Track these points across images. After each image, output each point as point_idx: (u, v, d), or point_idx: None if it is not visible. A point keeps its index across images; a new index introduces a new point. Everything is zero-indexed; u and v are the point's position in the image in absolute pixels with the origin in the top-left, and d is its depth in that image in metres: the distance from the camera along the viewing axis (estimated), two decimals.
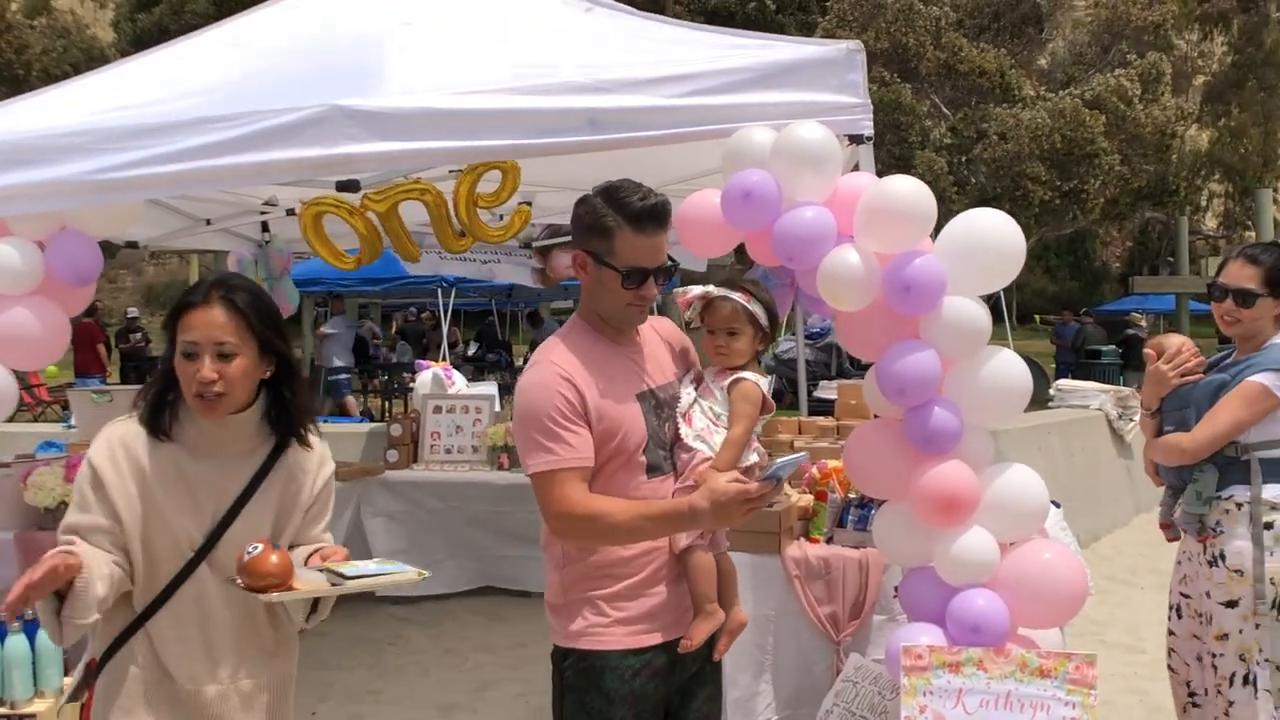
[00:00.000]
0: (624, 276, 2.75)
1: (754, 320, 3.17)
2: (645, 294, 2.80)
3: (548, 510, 2.71)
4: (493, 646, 6.18)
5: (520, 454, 2.76)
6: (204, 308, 2.45)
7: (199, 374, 2.41)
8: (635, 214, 2.73)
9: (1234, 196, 39.12)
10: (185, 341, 2.44)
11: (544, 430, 2.66)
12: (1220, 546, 3.65)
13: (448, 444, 7.29)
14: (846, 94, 3.92)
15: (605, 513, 2.66)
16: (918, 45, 19.30)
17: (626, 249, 2.74)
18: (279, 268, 6.89)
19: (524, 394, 2.73)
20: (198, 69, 4.16)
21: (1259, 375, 3.58)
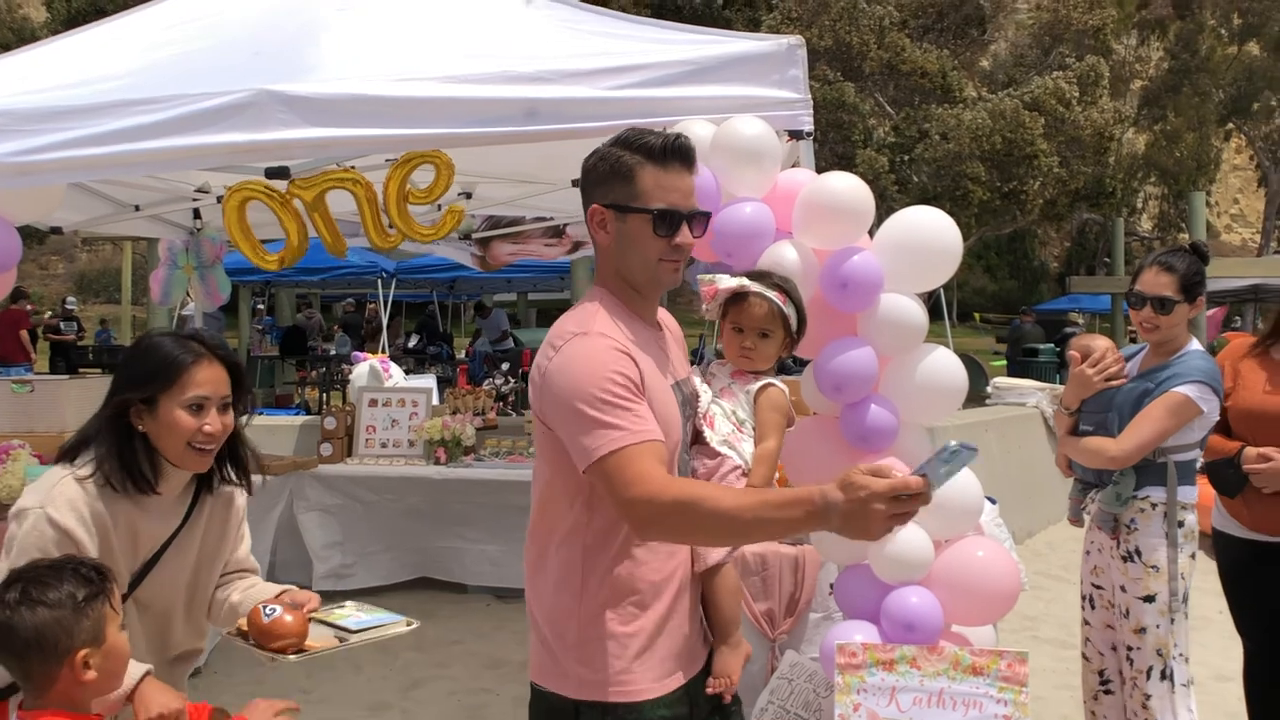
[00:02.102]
0: (655, 219, 2.30)
1: (786, 323, 2.89)
2: (681, 244, 2.34)
3: (626, 496, 2.10)
4: (424, 644, 6.10)
5: (573, 439, 2.19)
6: (209, 363, 2.54)
7: (206, 427, 2.50)
8: (658, 149, 2.32)
9: (1169, 199, 39.93)
10: (195, 397, 2.49)
11: (604, 404, 2.15)
12: (1135, 543, 3.74)
13: (383, 438, 7.20)
14: (787, 89, 3.91)
15: (705, 496, 2.08)
16: (861, 44, 19.41)
17: (653, 188, 2.31)
18: (210, 256, 6.75)
19: (572, 365, 2.21)
20: (125, 50, 4.05)
21: (1183, 386, 3.66)
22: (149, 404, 2.49)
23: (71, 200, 5.55)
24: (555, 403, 2.21)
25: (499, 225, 7.56)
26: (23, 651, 2.10)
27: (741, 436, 2.70)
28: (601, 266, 2.45)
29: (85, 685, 2.14)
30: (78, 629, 2.12)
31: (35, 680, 2.14)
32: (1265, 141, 39.99)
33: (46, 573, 2.17)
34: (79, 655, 2.12)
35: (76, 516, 2.43)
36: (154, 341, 2.58)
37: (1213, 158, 38.44)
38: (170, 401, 2.48)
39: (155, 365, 2.50)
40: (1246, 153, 45.43)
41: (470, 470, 6.87)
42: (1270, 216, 41.23)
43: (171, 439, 2.50)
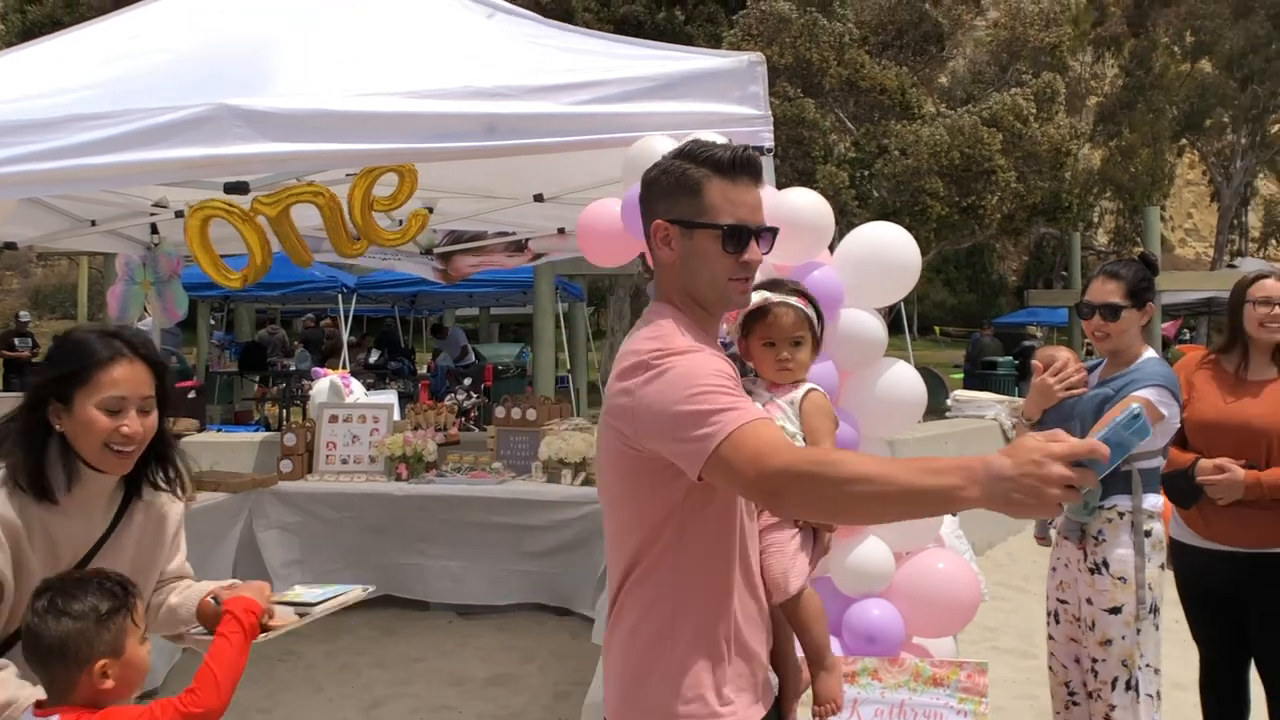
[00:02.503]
0: (725, 235, 2.15)
1: (813, 327, 2.77)
2: (750, 260, 2.19)
3: (757, 469, 1.89)
4: (387, 661, 6.06)
5: (681, 442, 1.98)
6: (129, 362, 2.43)
7: (124, 429, 2.40)
8: (726, 162, 2.18)
9: (1124, 214, 40.42)
10: (111, 397, 2.39)
11: (710, 395, 1.98)
12: (1103, 554, 3.74)
13: (344, 454, 7.15)
14: (747, 105, 3.94)
15: (846, 458, 1.88)
16: (821, 61, 19.54)
17: (721, 202, 2.17)
18: (168, 271, 6.68)
19: (669, 377, 2.04)
20: (81, 64, 4.02)
21: (1143, 391, 3.67)
22: (65, 401, 2.40)
23: (27, 215, 5.49)
24: (653, 416, 2.03)
25: (461, 240, 7.55)
26: (46, 657, 2.18)
27: None
28: (665, 284, 2.28)
29: (102, 693, 2.20)
30: (98, 640, 2.19)
31: (57, 685, 2.21)
32: (1217, 157, 40.61)
33: (73, 584, 2.23)
34: (98, 665, 2.18)
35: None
36: (75, 336, 2.49)
37: (1167, 173, 38.95)
38: (86, 399, 2.39)
39: (72, 360, 2.41)
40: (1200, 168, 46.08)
41: (432, 486, 6.83)
42: (1223, 231, 41.85)
43: (87, 439, 2.40)
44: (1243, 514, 3.88)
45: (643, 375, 2.07)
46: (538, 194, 6.03)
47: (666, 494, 2.12)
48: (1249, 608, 3.98)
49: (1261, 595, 3.93)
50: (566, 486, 6.61)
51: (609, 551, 2.31)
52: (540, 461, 6.78)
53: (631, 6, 23.49)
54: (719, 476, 1.97)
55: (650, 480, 2.12)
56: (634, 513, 2.19)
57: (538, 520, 6.58)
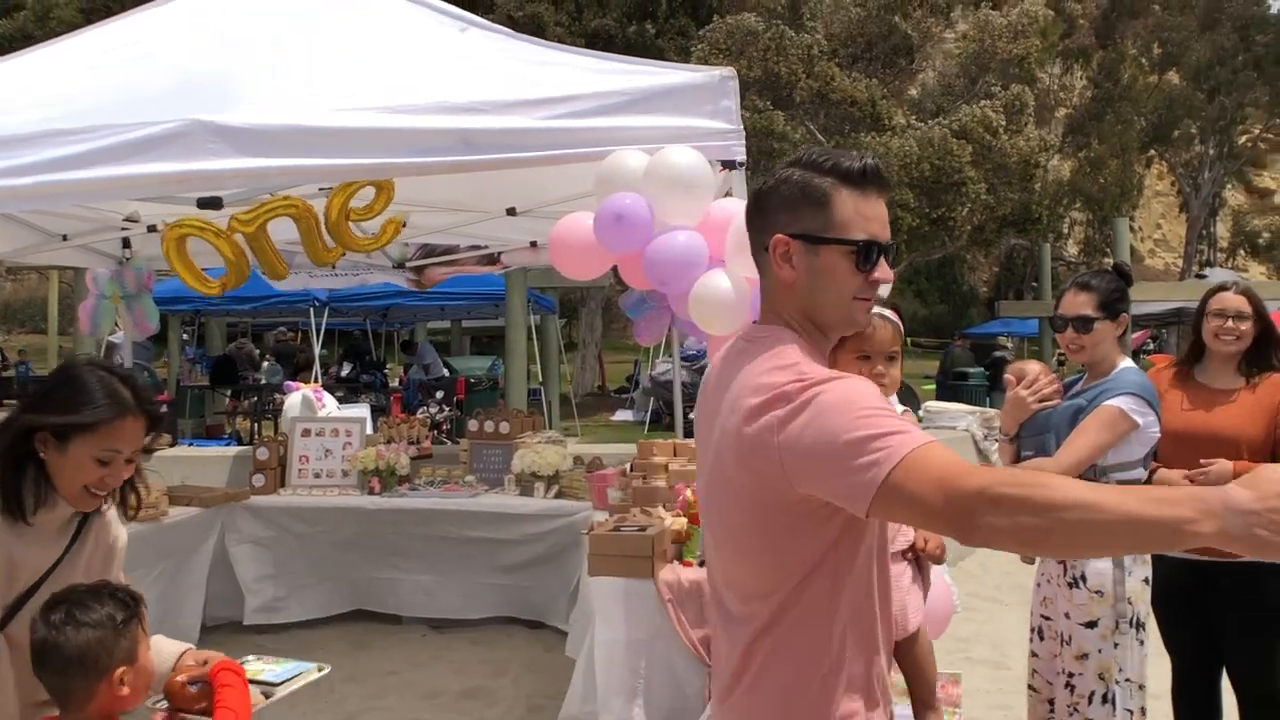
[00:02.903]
0: (859, 253, 1.94)
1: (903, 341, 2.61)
2: (881, 279, 1.99)
3: (948, 491, 1.66)
4: (360, 675, 6.03)
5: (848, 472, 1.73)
6: (132, 419, 2.47)
7: (109, 478, 2.46)
8: (856, 172, 1.96)
9: (1094, 224, 40.81)
10: (108, 449, 2.43)
11: (875, 415, 1.76)
12: (1081, 568, 3.73)
13: (316, 468, 7.12)
14: (720, 120, 3.97)
15: (1050, 480, 1.62)
16: (790, 74, 19.69)
17: (851, 215, 1.95)
18: (138, 285, 6.65)
19: (825, 393, 1.81)
20: (55, 78, 4.01)
21: (1115, 399, 3.67)
22: (60, 438, 2.41)
23: None
24: (810, 451, 1.79)
25: (433, 254, 7.55)
26: (65, 668, 2.23)
27: None
28: (781, 304, 2.03)
29: (119, 700, 2.26)
30: (117, 649, 2.26)
31: (75, 696, 2.25)
32: (1185, 168, 41.12)
33: (86, 595, 2.30)
34: (117, 673, 2.25)
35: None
36: (84, 381, 2.47)
37: (1135, 184, 39.39)
38: (83, 446, 2.41)
39: (80, 408, 2.42)
40: (1168, 179, 46.64)
41: (405, 500, 6.81)
42: (1192, 241, 42.35)
43: (70, 479, 2.43)
44: None
45: (786, 408, 1.83)
46: (511, 208, 6.04)
47: (818, 539, 1.90)
48: (1225, 615, 3.98)
49: (1239, 602, 3.94)
50: (540, 500, 6.60)
51: (733, 606, 2.04)
52: (513, 474, 6.78)
53: (603, 20, 23.60)
54: (894, 507, 1.72)
55: (801, 526, 1.89)
56: (775, 564, 1.94)
57: (511, 533, 6.58)
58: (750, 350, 1.99)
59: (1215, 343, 4.03)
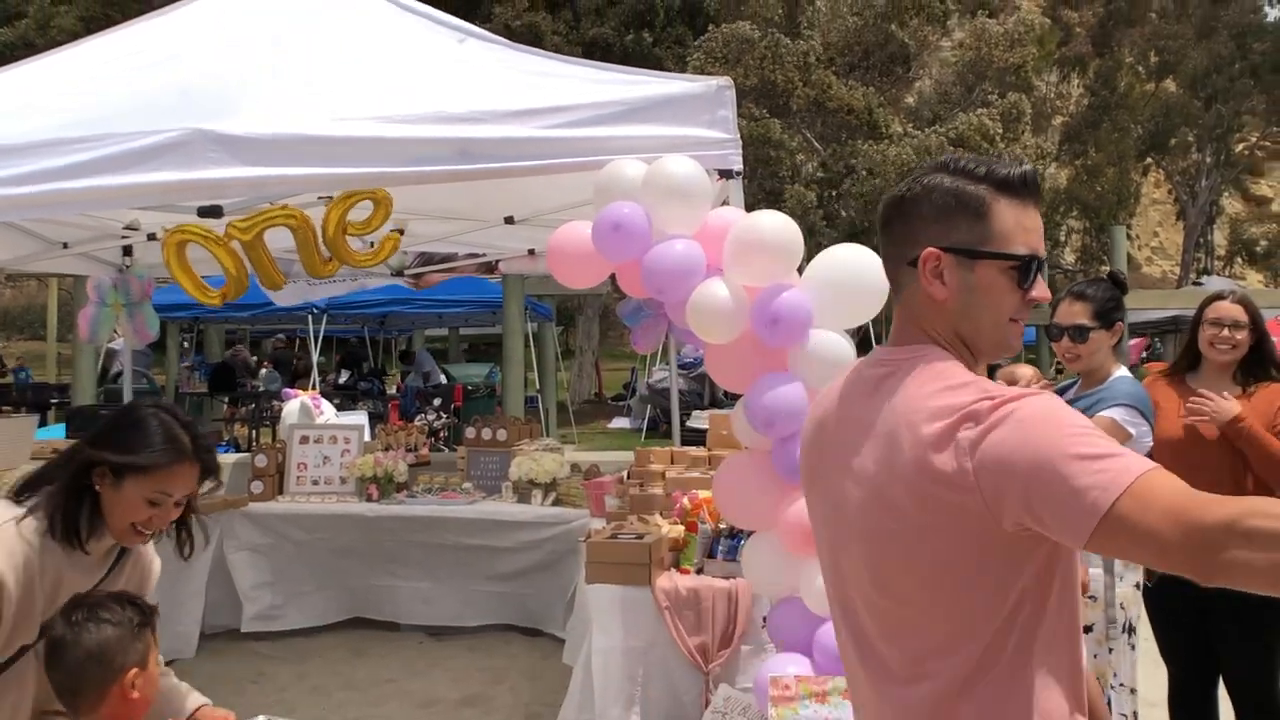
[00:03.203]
0: (1020, 268, 1.76)
1: None
2: (1039, 297, 1.81)
3: (1188, 524, 1.44)
4: (358, 683, 6.04)
5: (1066, 496, 1.50)
6: (190, 465, 2.59)
7: (156, 519, 2.56)
8: (1015, 180, 1.79)
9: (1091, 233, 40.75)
10: (160, 492, 2.54)
11: (1089, 434, 1.56)
12: None
13: (315, 475, 7.13)
14: (717, 129, 3.99)
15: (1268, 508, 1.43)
16: (786, 82, 19.75)
17: (1012, 227, 1.77)
18: (139, 293, 6.66)
19: (1023, 409, 1.59)
20: (56, 88, 4.03)
21: (1109, 410, 3.69)
22: (117, 475, 2.52)
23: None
24: (1019, 469, 1.55)
25: (432, 261, 7.58)
26: (81, 664, 2.28)
27: None
28: (930, 322, 1.83)
29: (130, 704, 2.30)
30: (132, 649, 2.32)
31: (86, 697, 2.29)
32: (1182, 176, 41.16)
33: (106, 599, 2.38)
34: (130, 674, 2.30)
35: (10, 564, 2.45)
36: (147, 423, 2.59)
37: (1132, 192, 39.40)
38: (137, 486, 2.52)
39: (139, 449, 2.53)
40: (1165, 187, 46.71)
41: (403, 507, 6.83)
42: (1189, 249, 42.37)
43: (121, 515, 2.55)
44: None
45: (978, 427, 1.61)
46: (509, 216, 6.07)
47: (1018, 575, 1.67)
48: (1222, 621, 3.99)
49: (1237, 607, 3.94)
50: (537, 507, 6.62)
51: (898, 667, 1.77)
52: (511, 482, 6.80)
53: (600, 29, 23.67)
54: (1119, 539, 1.50)
55: (1000, 562, 1.66)
56: (968, 609, 1.69)
57: (508, 541, 6.59)
58: (898, 375, 1.78)
59: (1211, 351, 4.05)
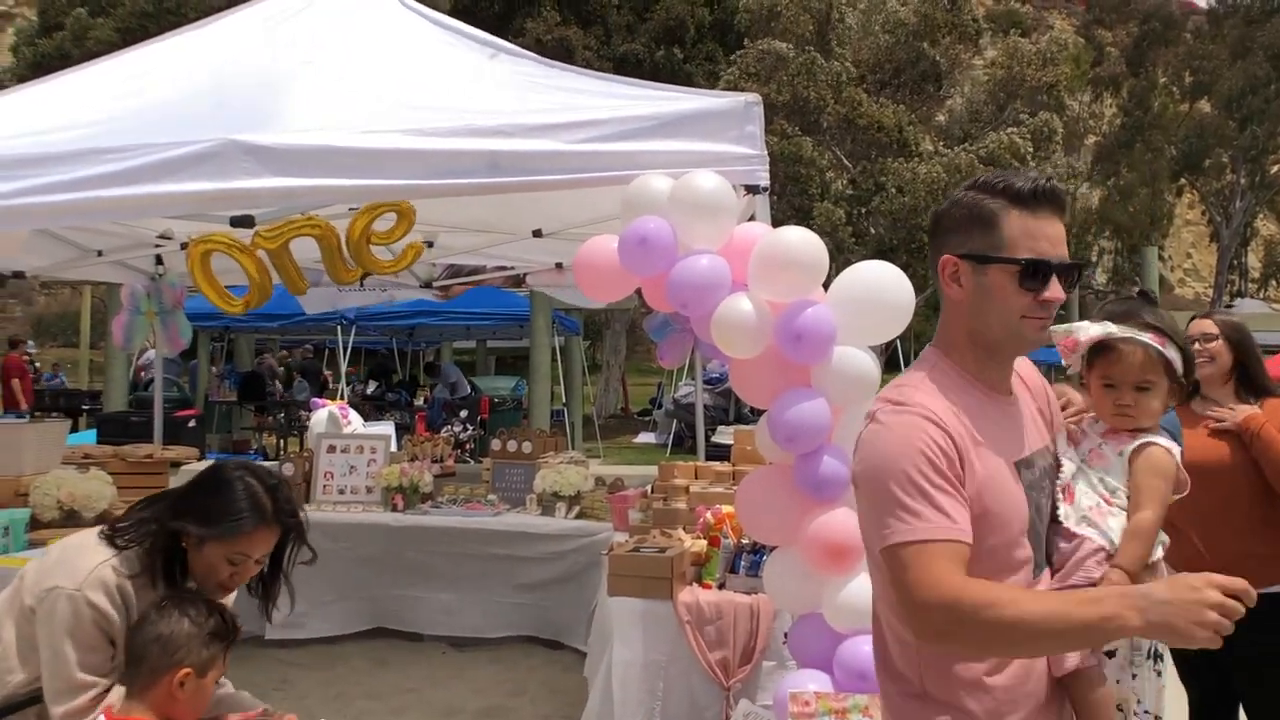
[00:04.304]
0: (1022, 272, 1.99)
1: (1170, 369, 2.28)
2: (1051, 299, 2.02)
3: (907, 598, 1.85)
4: (380, 692, 6.07)
5: (869, 516, 1.96)
6: (268, 529, 2.77)
7: (237, 579, 2.78)
8: (1026, 192, 2.02)
9: (1123, 253, 40.55)
10: (239, 553, 2.73)
11: (906, 489, 1.89)
12: None
13: (341, 484, 7.17)
14: (744, 145, 4.00)
15: (995, 601, 1.80)
16: (818, 99, 19.75)
17: (1019, 235, 2.01)
18: (172, 301, 6.75)
19: (880, 439, 1.97)
20: (92, 98, 4.09)
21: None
22: (200, 539, 2.71)
23: (35, 244, 5.56)
24: (859, 474, 2.00)
25: (460, 274, 7.64)
26: (147, 643, 2.42)
27: (1110, 510, 2.18)
28: (951, 324, 2.12)
29: (174, 701, 2.41)
30: (194, 651, 2.44)
31: (140, 675, 2.42)
32: (1216, 197, 40.82)
33: (201, 600, 2.54)
34: (181, 672, 2.40)
35: (110, 601, 2.66)
36: (230, 482, 2.76)
37: (1165, 213, 39.19)
38: (218, 549, 2.70)
39: (220, 513, 2.71)
40: (1199, 208, 46.35)
41: (427, 517, 6.85)
42: (1222, 271, 42.02)
43: (204, 574, 2.74)
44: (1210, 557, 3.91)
45: (866, 423, 2.03)
46: (536, 229, 6.10)
47: None
48: (1241, 645, 3.95)
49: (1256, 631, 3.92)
50: (561, 520, 6.63)
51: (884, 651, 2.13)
52: (535, 494, 6.82)
53: (631, 45, 23.75)
54: (887, 570, 1.91)
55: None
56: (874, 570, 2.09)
57: (531, 553, 6.60)
58: None
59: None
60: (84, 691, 2.58)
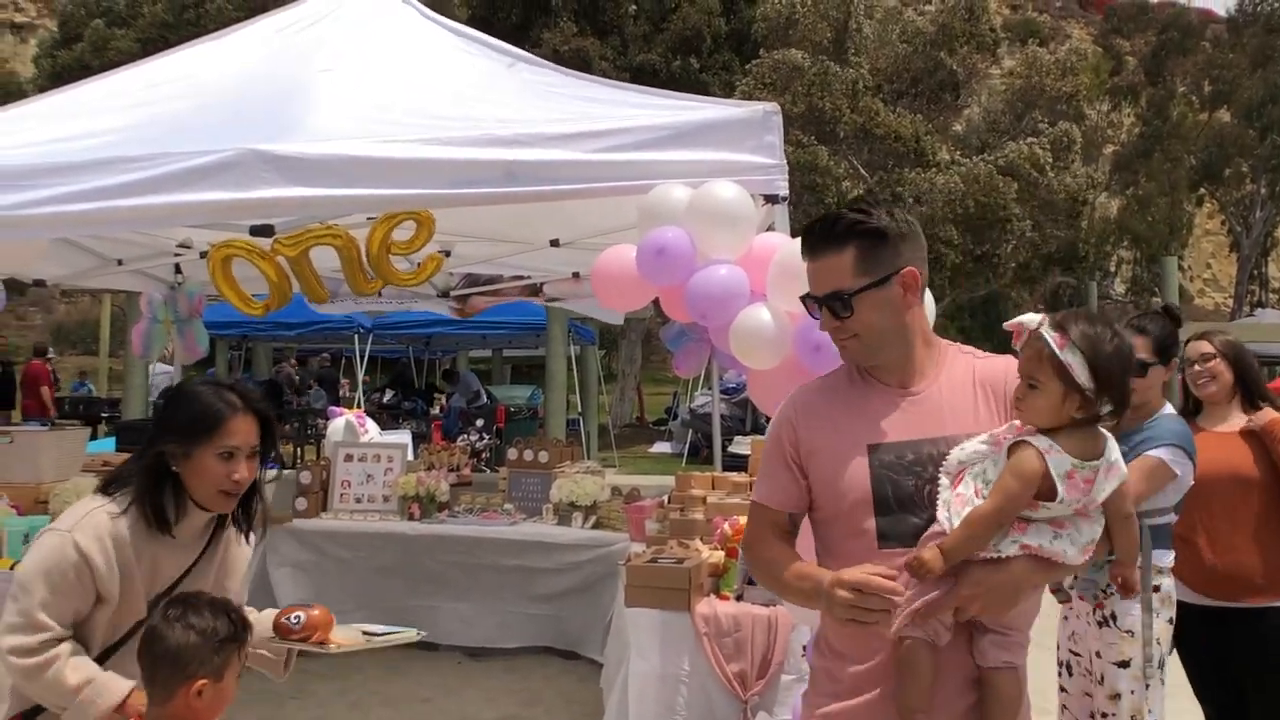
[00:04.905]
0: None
1: (1064, 373, 2.17)
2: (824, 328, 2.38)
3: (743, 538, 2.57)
4: (395, 700, 6.06)
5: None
6: (243, 416, 2.73)
7: (235, 475, 2.71)
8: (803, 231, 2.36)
9: (1142, 263, 40.29)
10: (226, 446, 2.69)
11: (763, 461, 2.43)
12: (1111, 608, 3.71)
13: (358, 493, 7.18)
14: (763, 155, 3.99)
15: (765, 558, 2.39)
16: (834, 109, 19.71)
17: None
18: (188, 310, 6.77)
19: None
20: (112, 108, 4.11)
21: (1157, 450, 3.66)
22: (185, 451, 2.68)
23: (55, 253, 5.58)
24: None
25: (477, 283, 7.64)
26: (157, 659, 2.40)
27: (976, 500, 2.21)
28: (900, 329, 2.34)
29: (194, 711, 2.40)
30: (207, 661, 2.41)
31: (158, 689, 2.42)
32: (1236, 207, 40.54)
33: (205, 605, 2.48)
34: (198, 683, 2.39)
35: (99, 546, 2.64)
36: (193, 392, 2.77)
37: (1185, 222, 38.92)
38: (205, 451, 2.68)
39: (194, 416, 2.70)
40: (1218, 218, 46.04)
41: (445, 526, 6.85)
42: (1243, 281, 41.74)
43: (203, 484, 2.70)
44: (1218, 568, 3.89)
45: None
46: (554, 239, 6.10)
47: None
48: (1247, 655, 3.93)
49: (1258, 641, 3.89)
50: (577, 530, 6.62)
51: None
52: (551, 504, 6.80)
53: (648, 55, 23.77)
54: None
55: None
56: None
57: (548, 563, 6.59)
58: None
59: (1196, 389, 4.11)
60: (37, 632, 2.56)
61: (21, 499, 5.08)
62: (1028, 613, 2.30)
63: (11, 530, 4.74)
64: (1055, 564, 2.18)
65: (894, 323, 2.30)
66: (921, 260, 2.34)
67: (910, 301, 2.31)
